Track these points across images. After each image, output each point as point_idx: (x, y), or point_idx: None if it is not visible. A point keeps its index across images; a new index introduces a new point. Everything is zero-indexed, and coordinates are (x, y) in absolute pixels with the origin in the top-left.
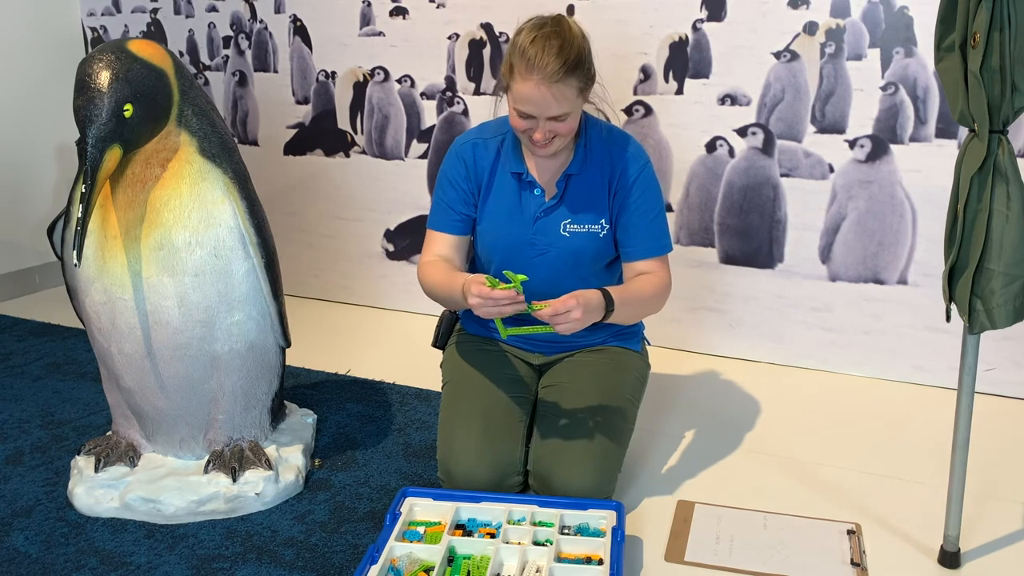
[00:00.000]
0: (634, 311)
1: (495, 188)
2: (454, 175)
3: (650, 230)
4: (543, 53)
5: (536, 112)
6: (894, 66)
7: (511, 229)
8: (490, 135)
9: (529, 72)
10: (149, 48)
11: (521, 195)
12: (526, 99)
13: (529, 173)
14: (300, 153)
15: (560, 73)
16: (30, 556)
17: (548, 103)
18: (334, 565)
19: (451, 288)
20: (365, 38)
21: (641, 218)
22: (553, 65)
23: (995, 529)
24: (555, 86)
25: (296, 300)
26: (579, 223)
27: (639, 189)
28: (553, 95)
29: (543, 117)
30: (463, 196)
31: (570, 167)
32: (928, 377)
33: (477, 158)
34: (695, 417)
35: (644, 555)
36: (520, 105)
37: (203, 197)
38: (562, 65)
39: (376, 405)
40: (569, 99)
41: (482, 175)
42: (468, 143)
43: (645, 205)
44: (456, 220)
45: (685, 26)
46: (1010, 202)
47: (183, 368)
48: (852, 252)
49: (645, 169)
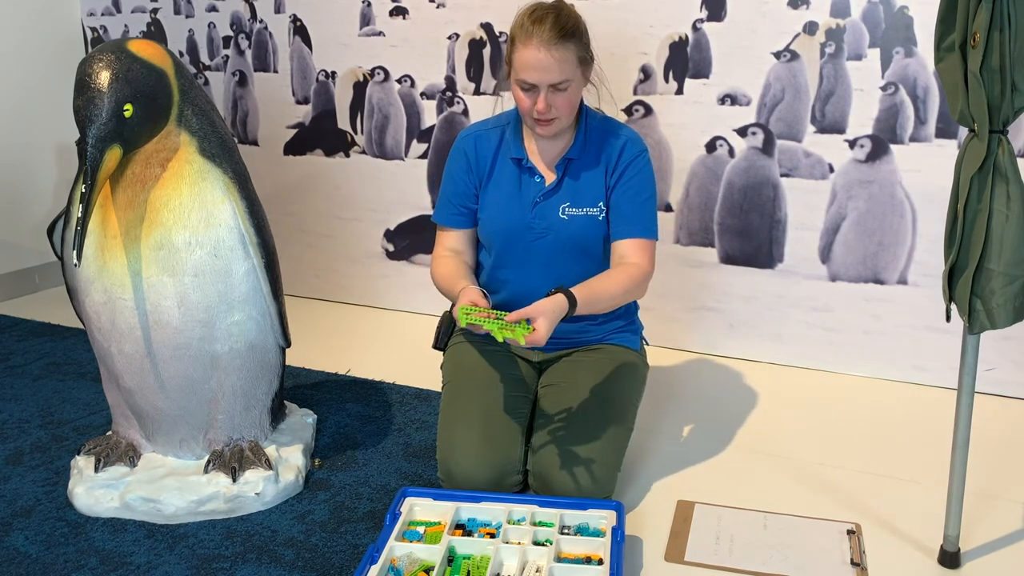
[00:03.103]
0: (603, 306)
1: (495, 176)
2: (456, 168)
3: (637, 212)
4: (541, 21)
5: (537, 79)
6: (894, 66)
7: (510, 214)
8: (492, 125)
9: (528, 38)
10: (149, 48)
11: (521, 181)
12: (527, 65)
13: (529, 159)
14: (300, 153)
15: (557, 37)
16: (30, 556)
17: (549, 66)
18: (334, 565)
19: (451, 292)
20: (365, 38)
21: (630, 199)
22: (551, 30)
23: (995, 529)
24: (554, 49)
25: (296, 300)
26: (577, 206)
27: (632, 171)
28: (553, 58)
29: (544, 85)
30: (464, 189)
31: (570, 151)
32: (928, 377)
33: (479, 149)
34: (695, 417)
35: (644, 555)
36: (522, 74)
37: (203, 197)
38: (560, 30)
39: (376, 405)
40: (569, 64)
41: (484, 165)
42: (470, 135)
43: (636, 187)
44: (458, 214)
45: (685, 26)
46: (1010, 202)
47: (183, 368)
48: (852, 252)
49: (641, 155)
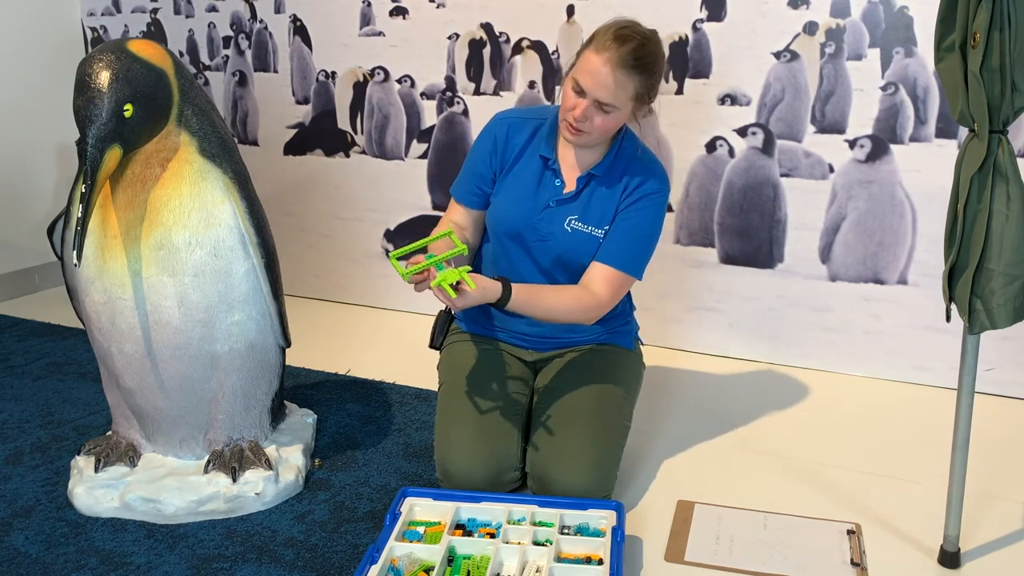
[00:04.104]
0: (540, 315)
1: (518, 167)
2: (482, 149)
3: (626, 242)
4: (624, 42)
5: (589, 88)
6: (894, 66)
7: (520, 210)
8: (531, 116)
9: (603, 49)
10: (149, 48)
11: (542, 180)
12: (587, 70)
13: (556, 161)
14: (300, 153)
15: (629, 65)
16: (30, 556)
17: (606, 84)
18: (334, 565)
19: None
20: (365, 38)
21: (626, 228)
22: (627, 55)
23: (995, 529)
24: (619, 72)
25: (296, 300)
26: (584, 223)
27: (643, 203)
28: (614, 80)
29: (592, 98)
30: (484, 171)
31: (596, 168)
32: (928, 377)
33: (510, 136)
34: (695, 417)
35: (644, 555)
36: (579, 75)
37: (203, 197)
38: (635, 60)
39: (376, 405)
40: (624, 94)
41: (510, 153)
42: (505, 120)
43: (638, 219)
44: (472, 193)
45: (685, 26)
46: (1010, 202)
47: (183, 368)
48: (852, 252)
49: (658, 193)
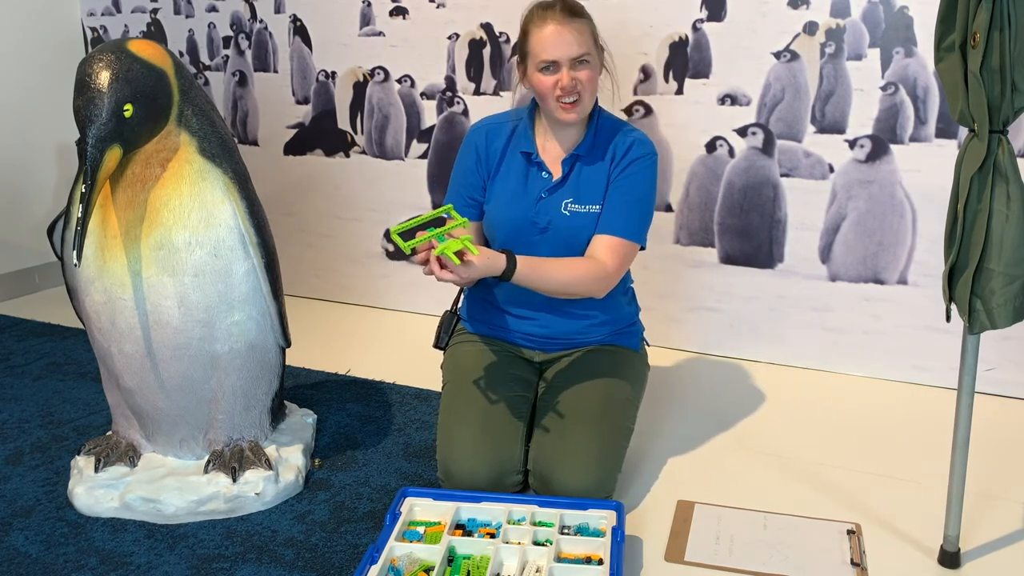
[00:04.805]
0: (546, 287)
1: (503, 169)
2: (466, 162)
3: (624, 209)
4: (552, 6)
5: (558, 54)
6: (894, 66)
7: (515, 208)
8: (505, 120)
9: (543, 21)
10: (149, 48)
11: (528, 175)
12: (545, 43)
13: (538, 155)
14: (300, 153)
15: (570, 15)
16: (30, 556)
17: (568, 41)
18: (334, 565)
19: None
20: (365, 38)
21: (621, 195)
22: (563, 11)
23: (995, 529)
24: (570, 24)
25: (296, 300)
26: (580, 203)
27: (634, 168)
28: (571, 31)
29: (566, 60)
30: (473, 181)
31: (578, 148)
32: (928, 377)
33: (489, 142)
34: (695, 417)
35: (644, 555)
36: (542, 54)
37: (203, 197)
38: (571, 10)
39: (376, 405)
40: (587, 38)
41: (493, 158)
42: (482, 128)
43: (631, 185)
44: (466, 205)
45: (685, 26)
46: (1010, 202)
47: (183, 368)
48: (852, 252)
49: (647, 157)
